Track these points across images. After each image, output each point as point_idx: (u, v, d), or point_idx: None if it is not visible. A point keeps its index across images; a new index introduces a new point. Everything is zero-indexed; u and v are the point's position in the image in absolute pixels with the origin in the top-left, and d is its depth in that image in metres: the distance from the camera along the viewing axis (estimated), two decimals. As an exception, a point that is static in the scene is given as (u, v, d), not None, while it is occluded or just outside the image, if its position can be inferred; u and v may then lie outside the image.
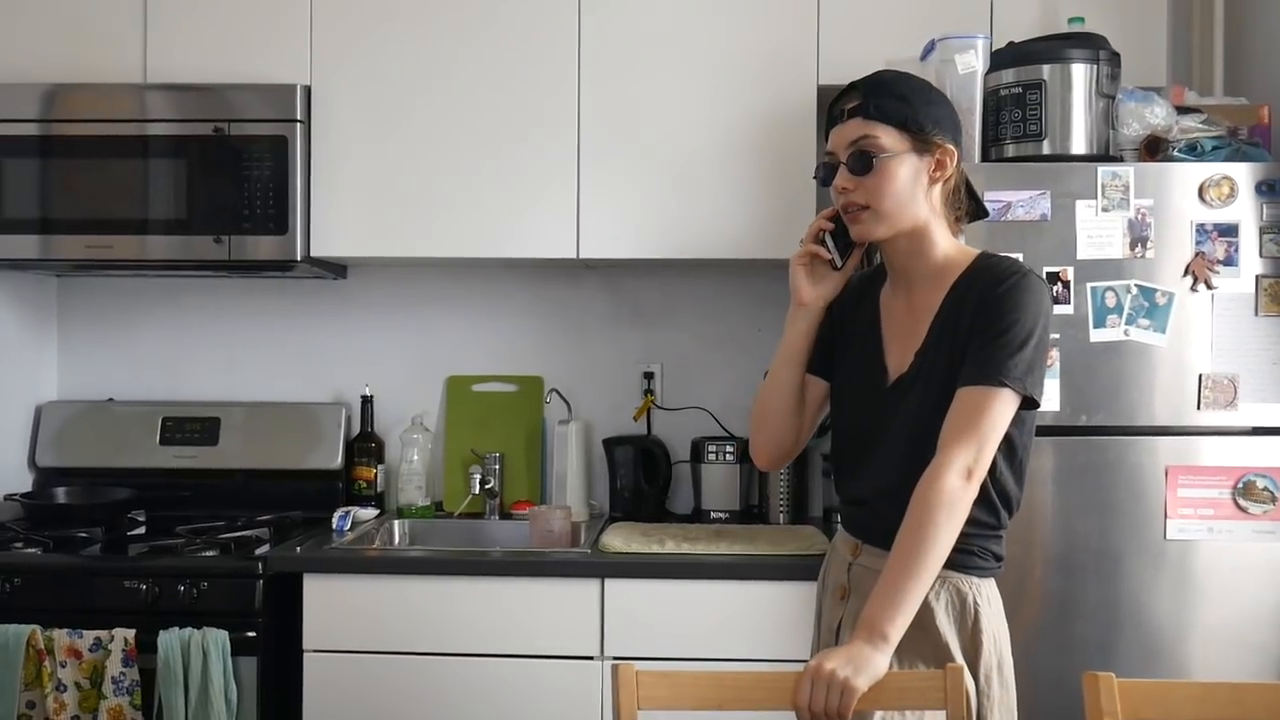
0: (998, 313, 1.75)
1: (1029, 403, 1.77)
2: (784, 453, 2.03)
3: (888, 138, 1.80)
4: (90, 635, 2.49)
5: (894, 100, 1.81)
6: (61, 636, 2.48)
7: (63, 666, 2.48)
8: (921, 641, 1.77)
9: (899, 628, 1.67)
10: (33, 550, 2.68)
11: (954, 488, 1.69)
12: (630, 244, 2.89)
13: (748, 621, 2.55)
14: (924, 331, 1.84)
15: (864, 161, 1.80)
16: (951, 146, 1.84)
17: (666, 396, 3.28)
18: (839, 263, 1.94)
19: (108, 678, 2.46)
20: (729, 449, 3.11)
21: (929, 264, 1.86)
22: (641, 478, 3.16)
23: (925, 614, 1.76)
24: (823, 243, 1.94)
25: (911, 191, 1.82)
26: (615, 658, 2.53)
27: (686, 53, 2.88)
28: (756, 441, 2.04)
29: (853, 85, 1.85)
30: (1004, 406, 1.73)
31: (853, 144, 1.81)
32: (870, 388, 1.90)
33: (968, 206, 1.91)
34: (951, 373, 1.77)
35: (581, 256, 2.90)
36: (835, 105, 1.87)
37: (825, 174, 1.88)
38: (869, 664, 1.62)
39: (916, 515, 1.70)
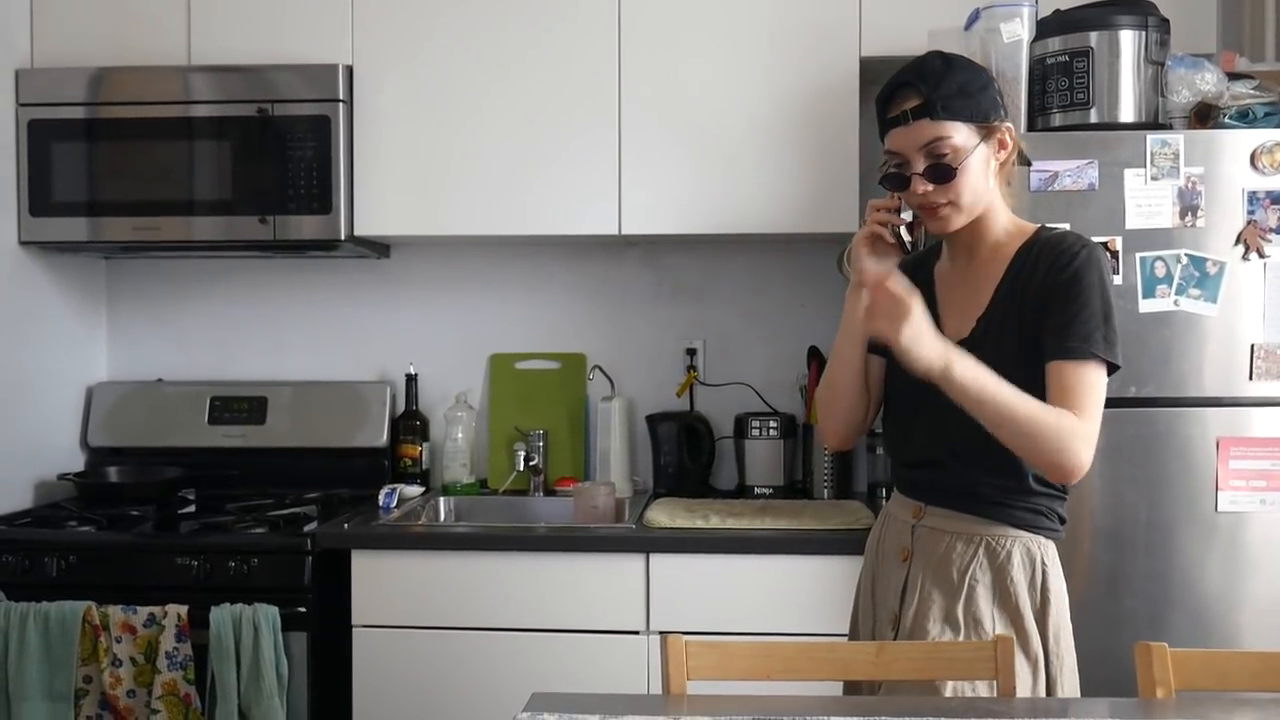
0: (1075, 290, 1.78)
1: (1111, 368, 1.82)
2: (854, 430, 2.06)
3: (959, 136, 1.80)
4: (144, 611, 2.53)
5: (957, 95, 1.79)
6: (116, 612, 2.53)
7: (118, 642, 2.52)
8: (1000, 597, 1.82)
9: (959, 380, 1.72)
10: (87, 528, 2.73)
11: (1077, 431, 1.75)
12: (672, 220, 2.88)
13: (793, 596, 2.55)
14: (985, 298, 1.88)
15: (945, 167, 1.80)
16: (1009, 123, 1.87)
17: (709, 372, 3.27)
18: (909, 248, 1.94)
19: (161, 653, 2.50)
20: (772, 424, 3.10)
21: (990, 237, 1.90)
22: (685, 454, 3.16)
23: (1001, 571, 1.82)
24: (898, 236, 1.91)
25: (985, 178, 1.85)
26: (661, 632, 2.54)
27: (727, 26, 2.87)
28: (826, 422, 2.08)
29: (905, 82, 1.81)
30: (1102, 378, 1.80)
31: (925, 147, 1.80)
32: None
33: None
34: (1020, 337, 1.82)
35: (623, 233, 2.90)
36: (890, 104, 1.83)
37: (896, 182, 1.85)
38: (926, 341, 1.71)
39: (1050, 411, 1.75)
